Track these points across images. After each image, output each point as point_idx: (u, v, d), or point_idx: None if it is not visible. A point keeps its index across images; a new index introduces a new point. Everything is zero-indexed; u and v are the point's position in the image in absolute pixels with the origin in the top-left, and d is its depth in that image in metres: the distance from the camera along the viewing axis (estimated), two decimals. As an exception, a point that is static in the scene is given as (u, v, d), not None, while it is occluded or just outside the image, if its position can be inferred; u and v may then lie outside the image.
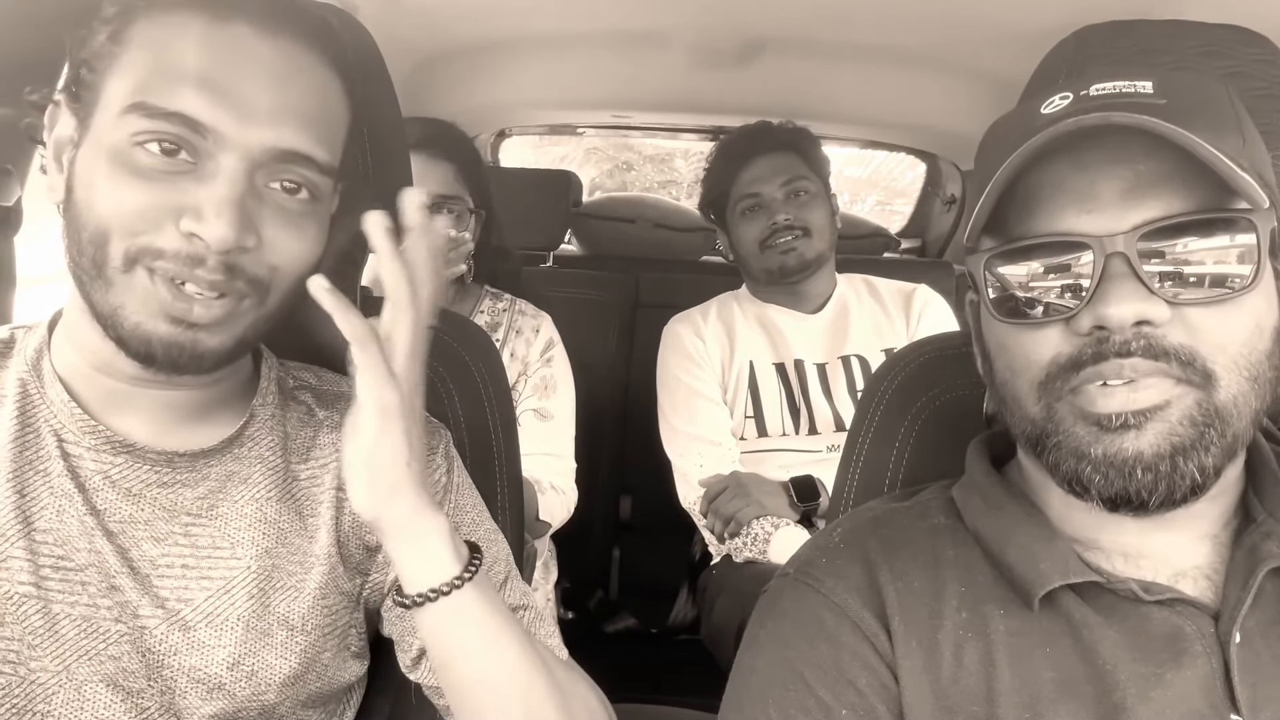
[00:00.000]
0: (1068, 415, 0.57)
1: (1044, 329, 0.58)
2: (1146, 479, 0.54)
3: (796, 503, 1.45)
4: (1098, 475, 0.56)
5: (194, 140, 0.59)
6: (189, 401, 0.68)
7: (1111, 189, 0.56)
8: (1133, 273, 0.54)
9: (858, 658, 0.61)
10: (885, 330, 1.66)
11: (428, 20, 1.49)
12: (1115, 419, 0.55)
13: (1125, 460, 0.55)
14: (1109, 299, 0.54)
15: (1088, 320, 0.55)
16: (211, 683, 0.66)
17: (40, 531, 0.63)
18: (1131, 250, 0.54)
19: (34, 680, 0.62)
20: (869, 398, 0.89)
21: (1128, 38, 0.79)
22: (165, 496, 0.67)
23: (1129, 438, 0.55)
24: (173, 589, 0.66)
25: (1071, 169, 0.57)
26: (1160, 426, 0.54)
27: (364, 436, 0.61)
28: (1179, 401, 0.54)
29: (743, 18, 1.50)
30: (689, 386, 1.62)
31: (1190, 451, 0.54)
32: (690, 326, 1.68)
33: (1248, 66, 0.77)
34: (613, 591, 2.07)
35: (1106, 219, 0.55)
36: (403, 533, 0.64)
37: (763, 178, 1.64)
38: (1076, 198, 0.57)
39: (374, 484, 0.62)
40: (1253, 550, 0.58)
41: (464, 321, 0.99)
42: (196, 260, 0.59)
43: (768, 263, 1.64)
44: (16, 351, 0.69)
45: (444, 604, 0.64)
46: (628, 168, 7.54)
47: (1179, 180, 0.55)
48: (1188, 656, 0.56)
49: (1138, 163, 0.56)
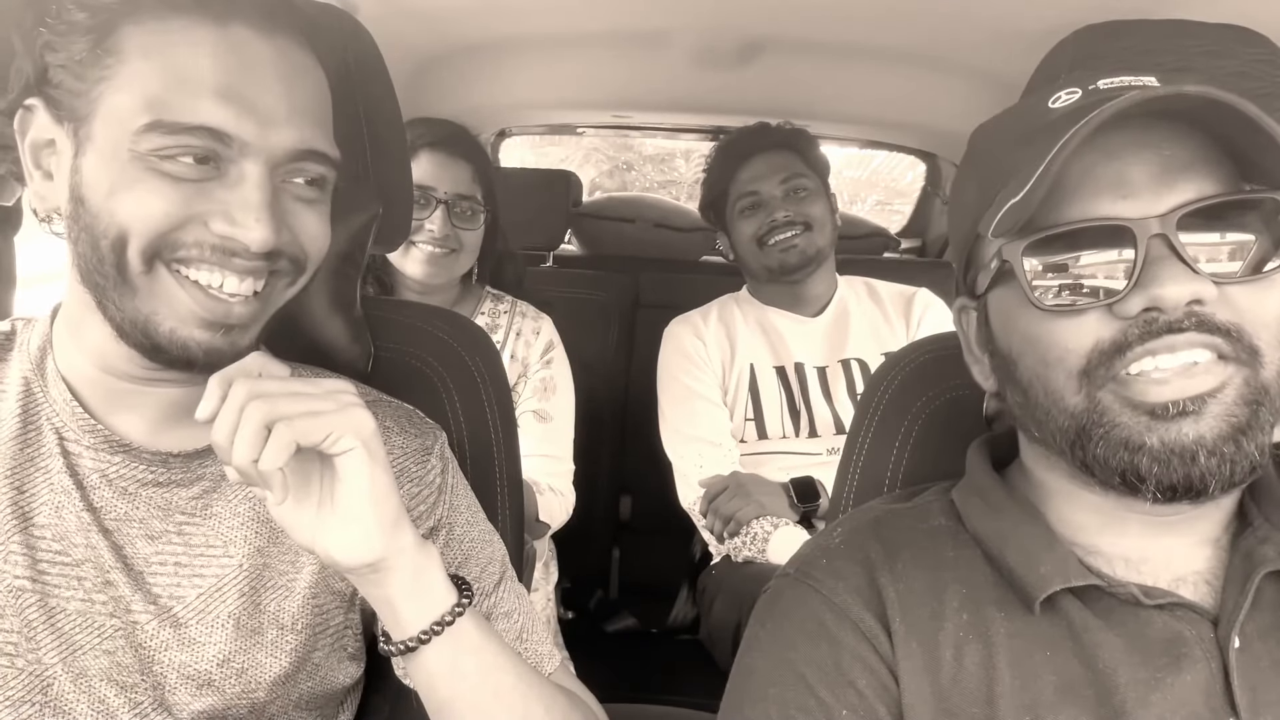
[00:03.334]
0: (1114, 404, 0.56)
1: (1082, 316, 0.56)
2: (1211, 463, 0.53)
3: (796, 503, 1.45)
4: (1156, 465, 0.54)
5: (217, 149, 0.59)
6: (181, 399, 0.67)
7: (1143, 174, 0.56)
8: (1175, 254, 0.54)
9: (858, 658, 0.61)
10: (885, 334, 1.66)
11: (428, 20, 1.49)
12: (1172, 407, 0.54)
13: (1187, 447, 0.54)
14: (1160, 280, 0.53)
15: (1138, 302, 0.54)
16: (201, 679, 0.66)
17: (39, 526, 0.64)
18: (1171, 232, 0.54)
19: (31, 672, 0.63)
20: (869, 398, 0.89)
21: (1128, 38, 0.79)
22: (160, 495, 0.67)
23: (1188, 423, 0.54)
24: (165, 586, 0.66)
25: (1100, 156, 0.56)
26: (1218, 409, 0.54)
27: (359, 474, 0.59)
28: (1231, 382, 0.54)
29: (743, 18, 1.50)
30: (689, 388, 1.62)
31: (1250, 431, 0.54)
32: (691, 328, 1.68)
33: (1248, 66, 0.77)
34: (613, 591, 2.07)
35: (1142, 203, 0.55)
36: (406, 568, 0.62)
37: (761, 175, 1.65)
38: (1109, 184, 0.56)
39: (381, 518, 0.60)
40: (1249, 555, 0.58)
41: (464, 322, 0.98)
42: (231, 252, 0.60)
43: (768, 260, 1.64)
44: (18, 346, 0.69)
45: (445, 637, 0.64)
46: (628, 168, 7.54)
47: (1204, 164, 0.56)
48: (1187, 661, 0.56)
49: (1163, 148, 0.56)
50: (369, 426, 0.59)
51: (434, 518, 0.75)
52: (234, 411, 0.56)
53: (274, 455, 0.55)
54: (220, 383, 0.57)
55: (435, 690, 0.66)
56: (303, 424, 0.56)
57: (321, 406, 0.58)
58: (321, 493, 0.61)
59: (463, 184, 1.45)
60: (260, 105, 0.60)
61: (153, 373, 0.64)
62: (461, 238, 1.45)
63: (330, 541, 0.60)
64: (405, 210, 0.95)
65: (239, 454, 0.55)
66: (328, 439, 0.57)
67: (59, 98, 0.60)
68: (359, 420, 0.59)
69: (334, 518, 0.60)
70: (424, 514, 0.74)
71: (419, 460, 0.75)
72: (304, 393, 0.58)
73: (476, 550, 0.77)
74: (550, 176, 2.22)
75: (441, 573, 0.65)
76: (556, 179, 2.19)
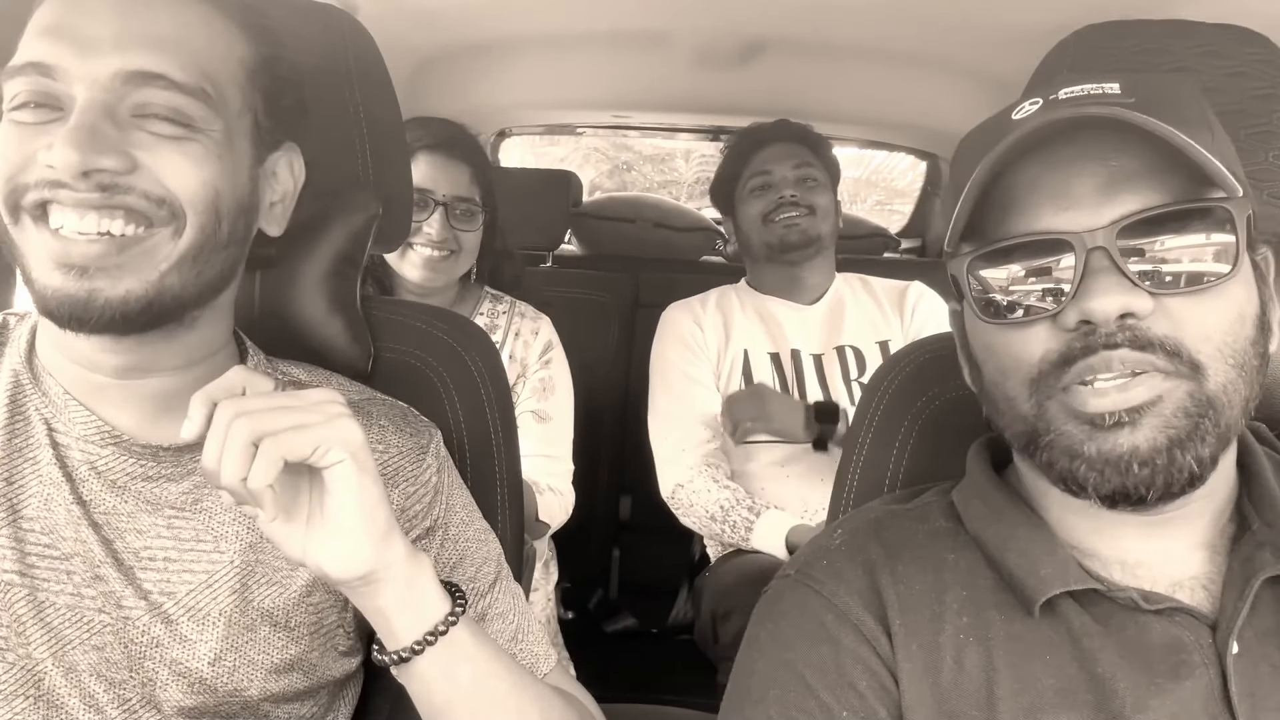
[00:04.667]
0: (1059, 414, 0.57)
1: (1031, 327, 0.58)
2: (1144, 473, 0.54)
3: (814, 423, 1.49)
4: (1093, 473, 0.56)
5: (52, 87, 0.59)
6: (166, 392, 0.67)
7: (1087, 185, 0.56)
8: (1114, 266, 0.54)
9: (859, 660, 0.61)
10: (880, 323, 1.68)
11: (428, 20, 1.49)
12: (1108, 417, 0.55)
13: (1120, 456, 0.55)
14: (1092, 293, 0.54)
15: (1073, 315, 0.55)
16: (193, 676, 0.66)
17: (27, 519, 0.64)
18: (1111, 244, 0.54)
19: (23, 666, 0.62)
20: (869, 398, 0.89)
21: (1128, 38, 0.79)
22: (149, 489, 0.67)
23: (1123, 434, 0.55)
24: (155, 581, 0.66)
25: (1045, 168, 0.57)
26: (1155, 420, 0.54)
27: (347, 484, 0.58)
28: (1170, 395, 0.54)
29: (743, 18, 1.50)
30: (684, 372, 1.64)
31: (1187, 443, 0.54)
32: (689, 314, 1.70)
33: (1248, 66, 0.76)
34: (613, 591, 2.07)
35: (1084, 215, 0.56)
36: (398, 578, 0.62)
37: (775, 158, 1.68)
38: (1052, 195, 0.57)
39: (371, 530, 0.60)
40: (1248, 560, 0.58)
41: (464, 322, 0.98)
42: (56, 183, 0.58)
43: (769, 236, 1.66)
44: (10, 341, 0.69)
45: (439, 646, 0.63)
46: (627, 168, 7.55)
47: (1152, 175, 0.56)
48: (1186, 667, 0.56)
49: (1110, 159, 0.56)
50: (357, 438, 0.59)
51: (430, 518, 0.74)
52: (221, 432, 0.55)
53: (262, 472, 0.55)
54: (203, 402, 0.56)
55: (430, 698, 0.66)
56: (289, 439, 0.56)
57: (307, 419, 0.57)
58: (311, 506, 0.60)
59: (461, 186, 1.45)
60: (82, 32, 0.59)
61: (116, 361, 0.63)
62: (460, 239, 1.45)
63: (321, 555, 0.59)
64: (405, 210, 0.95)
65: (227, 473, 0.55)
66: (315, 452, 0.57)
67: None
68: (346, 432, 0.58)
69: (324, 531, 0.59)
70: (420, 514, 0.74)
71: (414, 459, 0.75)
72: (289, 406, 0.57)
73: (472, 550, 0.77)
74: (550, 176, 2.22)
75: (434, 582, 0.65)
76: (556, 179, 2.19)
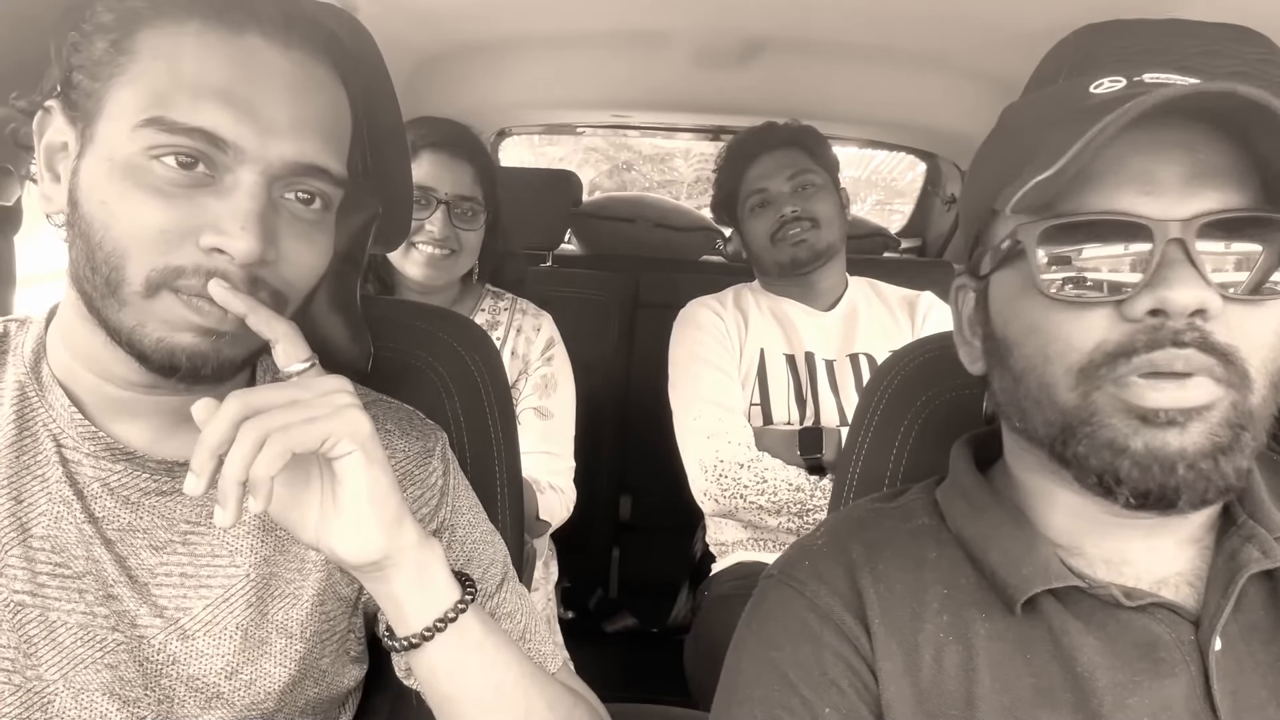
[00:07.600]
0: (1107, 405, 0.55)
1: (1090, 311, 0.55)
2: (1189, 476, 0.53)
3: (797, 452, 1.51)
4: (1136, 469, 0.54)
5: (213, 154, 0.57)
6: (184, 406, 0.66)
7: (1172, 174, 0.54)
8: (1190, 260, 0.53)
9: (840, 658, 0.61)
10: (893, 332, 1.68)
11: (428, 20, 1.49)
12: (1163, 414, 0.53)
13: (1169, 455, 0.53)
14: (1170, 283, 0.52)
15: (1146, 303, 0.53)
16: (210, 692, 0.65)
17: (37, 538, 0.63)
18: (1190, 238, 0.53)
19: (30, 689, 0.61)
20: (869, 397, 0.89)
21: (1128, 38, 0.79)
22: (164, 505, 0.66)
23: (1173, 433, 0.53)
24: (171, 598, 0.65)
25: (1131, 149, 0.55)
26: (1202, 426, 0.53)
27: (357, 474, 0.59)
28: (1220, 404, 0.53)
29: (743, 18, 1.50)
30: (709, 360, 1.62)
31: (1230, 453, 0.53)
32: (710, 308, 1.70)
33: (1248, 66, 0.76)
34: (613, 591, 2.08)
35: (1166, 203, 0.54)
36: (409, 564, 0.62)
37: (769, 173, 1.66)
38: (1136, 178, 0.55)
39: (382, 517, 0.60)
40: (1233, 555, 0.58)
41: (464, 321, 0.99)
42: (216, 269, 0.57)
43: (779, 255, 1.66)
44: (12, 350, 0.67)
45: (449, 633, 0.64)
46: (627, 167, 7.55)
47: (1234, 174, 0.54)
48: (1165, 665, 0.56)
49: (1198, 150, 0.54)
50: (365, 429, 0.59)
51: (436, 520, 0.75)
52: (225, 423, 0.54)
53: (266, 464, 0.54)
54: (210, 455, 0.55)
55: (438, 686, 0.66)
56: (298, 431, 0.55)
57: (316, 411, 0.57)
58: (323, 493, 0.60)
59: (464, 185, 1.45)
60: (262, 113, 0.58)
61: (148, 378, 0.62)
62: (461, 238, 1.45)
63: (334, 541, 0.60)
64: (406, 210, 0.95)
65: (231, 469, 0.54)
66: (324, 444, 0.57)
67: (75, 99, 0.60)
68: (355, 423, 0.58)
69: (337, 519, 0.60)
70: (426, 517, 0.74)
71: (420, 463, 0.75)
72: (298, 399, 0.57)
73: (479, 552, 0.77)
74: (550, 176, 2.22)
75: (445, 569, 0.65)
76: (556, 179, 2.19)
